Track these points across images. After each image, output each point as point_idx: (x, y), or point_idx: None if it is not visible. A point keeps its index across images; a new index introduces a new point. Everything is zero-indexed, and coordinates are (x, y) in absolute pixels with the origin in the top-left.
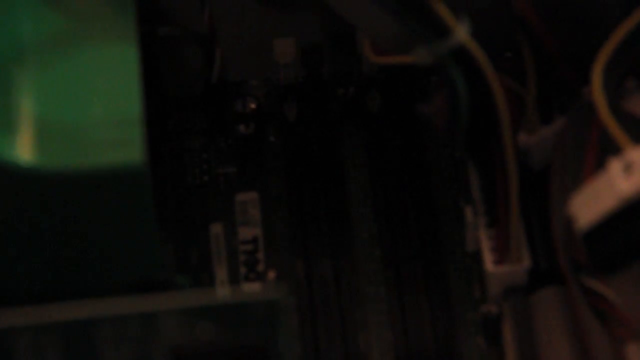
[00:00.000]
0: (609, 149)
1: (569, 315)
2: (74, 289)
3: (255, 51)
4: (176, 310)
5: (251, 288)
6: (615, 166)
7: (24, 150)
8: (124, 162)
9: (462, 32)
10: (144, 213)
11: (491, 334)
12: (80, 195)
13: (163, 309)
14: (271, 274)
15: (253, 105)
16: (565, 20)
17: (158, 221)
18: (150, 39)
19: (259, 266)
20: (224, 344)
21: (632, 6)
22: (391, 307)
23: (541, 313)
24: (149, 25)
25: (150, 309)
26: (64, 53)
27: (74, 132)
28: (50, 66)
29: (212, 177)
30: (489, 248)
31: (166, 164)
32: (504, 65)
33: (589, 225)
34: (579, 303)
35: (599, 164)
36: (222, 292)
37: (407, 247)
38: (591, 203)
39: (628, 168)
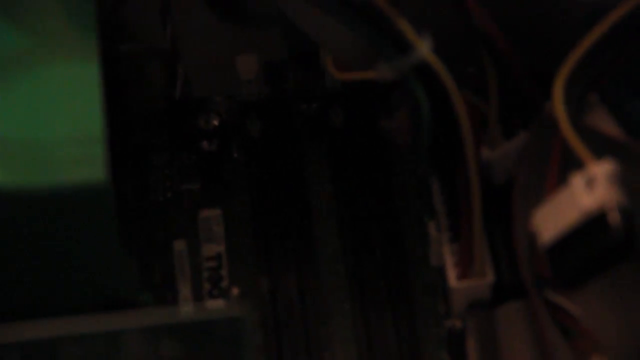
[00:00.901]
0: (571, 164)
1: (532, 330)
2: (36, 308)
3: (218, 68)
4: (139, 328)
5: (215, 305)
6: (577, 181)
7: None
8: (87, 180)
9: (423, 48)
10: (106, 231)
11: (455, 349)
12: (42, 214)
13: (126, 327)
14: (235, 291)
15: (216, 122)
16: (527, 36)
17: (121, 238)
18: (113, 56)
19: (223, 283)
20: None
21: (594, 22)
22: (356, 323)
23: (505, 328)
24: (111, 42)
25: (114, 327)
26: (25, 71)
27: (36, 151)
28: (11, 84)
29: (176, 193)
30: (453, 263)
31: (129, 181)
32: (466, 81)
33: (552, 240)
34: (543, 317)
35: (561, 179)
36: (186, 309)
37: (372, 262)
38: (554, 218)
39: (590, 183)
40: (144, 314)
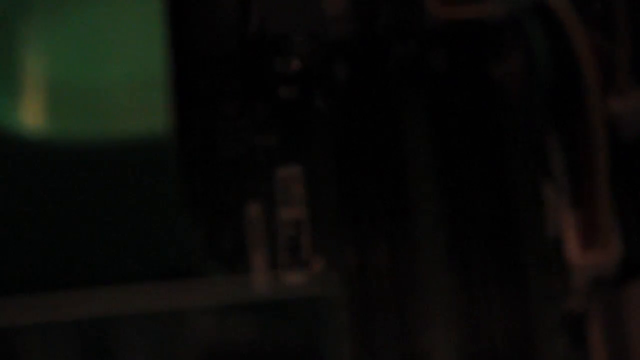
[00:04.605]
0: None
1: None
2: (86, 278)
3: (299, 1)
4: (208, 306)
5: (294, 279)
6: None
7: (30, 117)
8: (146, 130)
9: None
10: (168, 190)
11: (575, 334)
12: (94, 170)
13: (193, 304)
14: (317, 263)
15: (297, 65)
16: None
17: (185, 200)
18: None
19: (303, 253)
20: (263, 344)
21: None
22: (458, 300)
23: (636, 310)
24: None
25: (178, 304)
26: (77, 7)
27: (88, 97)
28: (62, 21)
29: (249, 149)
30: (573, 232)
31: (195, 133)
32: (591, 19)
33: None
34: None
35: None
36: (260, 284)
37: (477, 230)
38: None
39: None
40: (212, 289)
